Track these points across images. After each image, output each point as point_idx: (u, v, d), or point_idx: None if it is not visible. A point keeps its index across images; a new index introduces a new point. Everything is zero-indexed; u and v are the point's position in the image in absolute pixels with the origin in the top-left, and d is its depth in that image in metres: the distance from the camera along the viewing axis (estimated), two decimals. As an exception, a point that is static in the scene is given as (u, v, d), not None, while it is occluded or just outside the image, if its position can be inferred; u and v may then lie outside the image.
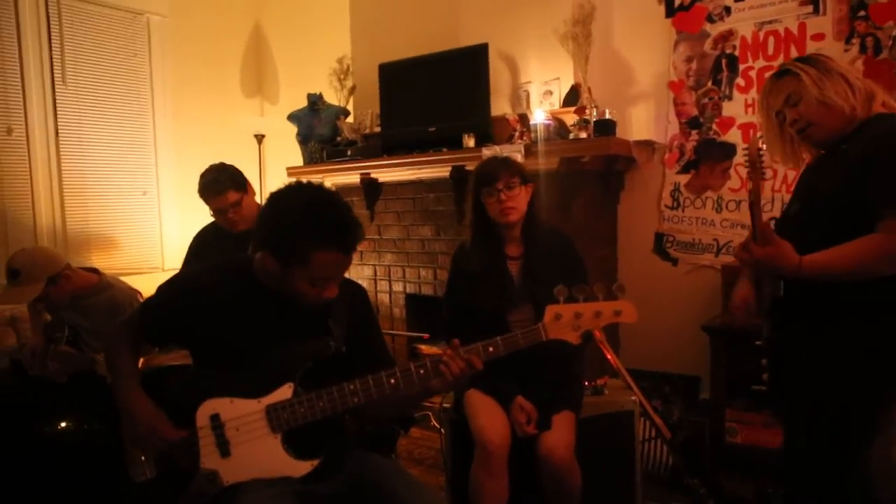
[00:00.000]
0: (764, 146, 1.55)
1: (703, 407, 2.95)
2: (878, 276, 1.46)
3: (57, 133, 3.99)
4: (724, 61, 3.13)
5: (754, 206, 1.53)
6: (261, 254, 1.51)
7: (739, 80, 3.10)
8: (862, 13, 2.78)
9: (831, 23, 2.85)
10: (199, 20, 4.71)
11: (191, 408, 1.48)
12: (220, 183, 2.61)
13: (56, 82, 3.96)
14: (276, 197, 1.50)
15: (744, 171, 3.10)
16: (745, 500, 2.47)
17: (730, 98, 3.13)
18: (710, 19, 3.15)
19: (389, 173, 3.79)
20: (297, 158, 4.19)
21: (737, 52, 3.09)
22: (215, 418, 1.47)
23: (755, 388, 2.68)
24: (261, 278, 1.54)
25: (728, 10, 3.09)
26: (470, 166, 3.35)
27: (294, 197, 1.48)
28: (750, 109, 3.07)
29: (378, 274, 4.00)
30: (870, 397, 1.52)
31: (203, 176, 2.67)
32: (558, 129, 3.16)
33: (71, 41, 4.04)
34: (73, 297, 2.55)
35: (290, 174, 4.14)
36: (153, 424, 1.49)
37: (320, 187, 1.50)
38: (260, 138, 4.67)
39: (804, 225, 1.60)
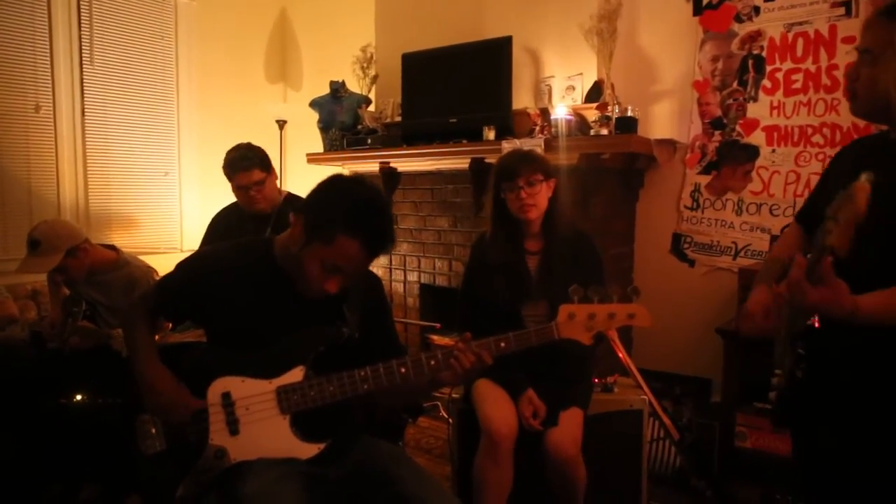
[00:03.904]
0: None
1: (714, 410, 2.93)
2: None
3: (83, 112, 4.04)
4: (750, 62, 3.09)
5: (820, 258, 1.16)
6: (289, 229, 1.51)
7: (766, 82, 3.05)
8: None
9: (863, 26, 2.80)
10: (226, 5, 4.74)
11: (202, 385, 1.50)
12: (249, 160, 2.64)
13: (84, 62, 4.01)
14: (338, 178, 1.55)
15: (766, 175, 3.07)
16: (751, 505, 2.45)
17: (755, 100, 3.09)
18: (739, 19, 3.11)
19: (409, 163, 3.79)
20: (317, 145, 4.21)
21: (764, 54, 3.05)
22: (226, 396, 1.49)
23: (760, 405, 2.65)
24: (280, 261, 1.55)
25: (757, 9, 3.05)
26: (489, 159, 3.35)
27: (354, 186, 1.52)
28: (775, 112, 3.03)
29: (393, 263, 4.01)
30: None
31: (230, 152, 2.69)
32: (579, 124, 3.14)
33: (100, 21, 4.08)
34: (90, 272, 2.58)
35: (309, 161, 4.17)
36: (175, 395, 1.51)
37: (381, 193, 1.57)
38: (282, 124, 4.69)
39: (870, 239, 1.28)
